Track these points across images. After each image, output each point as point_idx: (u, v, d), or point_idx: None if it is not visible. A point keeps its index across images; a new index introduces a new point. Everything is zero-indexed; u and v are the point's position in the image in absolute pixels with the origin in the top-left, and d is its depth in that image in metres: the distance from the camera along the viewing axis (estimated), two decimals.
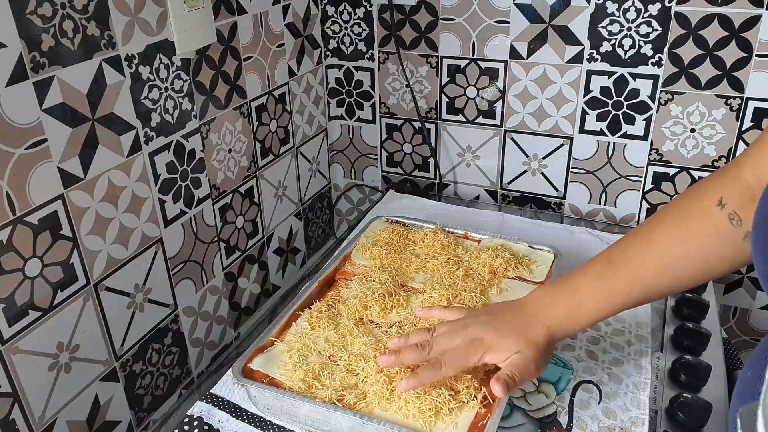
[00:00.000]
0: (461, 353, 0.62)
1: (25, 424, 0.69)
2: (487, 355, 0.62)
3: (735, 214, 0.57)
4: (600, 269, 0.64)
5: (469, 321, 0.65)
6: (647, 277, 0.62)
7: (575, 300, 0.64)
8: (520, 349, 0.62)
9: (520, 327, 0.63)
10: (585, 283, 0.64)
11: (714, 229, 0.58)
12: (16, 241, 0.65)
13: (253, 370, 0.69)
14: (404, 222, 0.97)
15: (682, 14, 0.95)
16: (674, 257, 0.60)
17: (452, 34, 1.10)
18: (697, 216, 0.59)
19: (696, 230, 0.59)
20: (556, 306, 0.64)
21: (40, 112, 0.65)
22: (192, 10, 0.82)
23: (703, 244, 0.59)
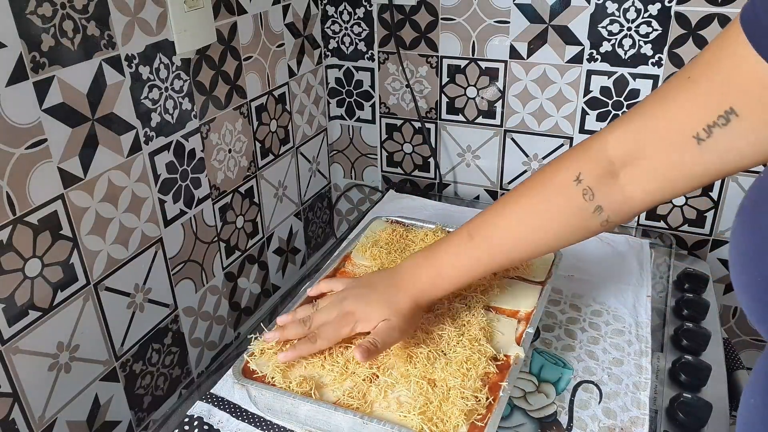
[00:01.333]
0: (334, 326, 0.68)
1: (25, 424, 0.69)
2: (358, 326, 0.68)
3: (589, 189, 0.59)
4: (459, 242, 0.68)
5: (345, 293, 0.71)
6: (504, 248, 0.66)
7: (436, 271, 0.69)
8: (386, 317, 0.67)
9: (386, 296, 0.69)
10: (446, 255, 0.69)
11: (568, 204, 0.61)
12: (16, 241, 0.65)
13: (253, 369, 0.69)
14: (404, 222, 0.97)
15: (682, 14, 0.95)
16: (529, 230, 0.65)
17: (452, 34, 1.10)
18: (553, 191, 0.62)
19: (551, 203, 0.62)
20: (420, 277, 0.70)
21: (40, 112, 0.65)
22: (192, 10, 0.82)
23: (558, 217, 0.62)
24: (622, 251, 0.97)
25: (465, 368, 0.66)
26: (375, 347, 0.65)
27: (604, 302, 0.86)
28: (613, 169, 0.58)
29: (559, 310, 0.85)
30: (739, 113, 0.47)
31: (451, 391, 0.64)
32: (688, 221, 1.08)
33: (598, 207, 0.59)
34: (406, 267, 0.71)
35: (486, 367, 0.67)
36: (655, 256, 0.97)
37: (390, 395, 0.64)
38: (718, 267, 1.09)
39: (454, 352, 0.69)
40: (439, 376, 0.66)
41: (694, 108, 0.50)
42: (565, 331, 0.81)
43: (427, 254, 0.71)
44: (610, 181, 0.58)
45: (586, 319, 0.83)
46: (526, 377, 0.74)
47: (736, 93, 0.47)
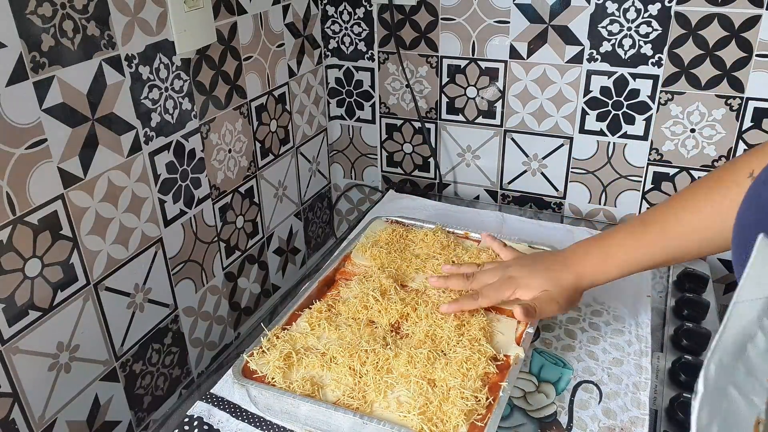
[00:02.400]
0: (497, 288, 0.72)
1: (25, 424, 0.69)
2: (518, 291, 0.72)
3: None
4: (633, 228, 0.70)
5: (511, 262, 0.76)
6: (677, 237, 0.67)
7: (605, 253, 0.71)
8: (547, 288, 0.71)
9: (551, 270, 0.73)
10: (617, 239, 0.71)
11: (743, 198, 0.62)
12: (16, 241, 0.65)
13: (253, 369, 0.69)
14: (404, 222, 0.97)
15: (682, 14, 0.95)
16: (704, 220, 0.65)
17: (452, 34, 1.10)
18: (728, 186, 0.63)
19: (728, 198, 0.63)
20: (587, 257, 0.72)
21: (40, 112, 0.65)
22: (192, 10, 0.82)
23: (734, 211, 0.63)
24: None
25: (465, 368, 0.66)
26: (534, 310, 0.69)
27: (604, 302, 0.86)
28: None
29: None
30: None
31: (451, 391, 0.64)
32: None
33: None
34: (575, 248, 0.74)
35: (486, 367, 0.67)
36: None
37: (390, 395, 0.64)
38: (718, 267, 1.09)
39: (454, 352, 0.69)
40: (439, 376, 0.66)
41: None
42: (565, 331, 0.81)
43: (598, 239, 0.73)
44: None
45: (586, 319, 0.83)
46: (526, 377, 0.74)
47: None
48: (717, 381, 0.34)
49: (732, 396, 0.34)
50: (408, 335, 0.73)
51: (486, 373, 0.67)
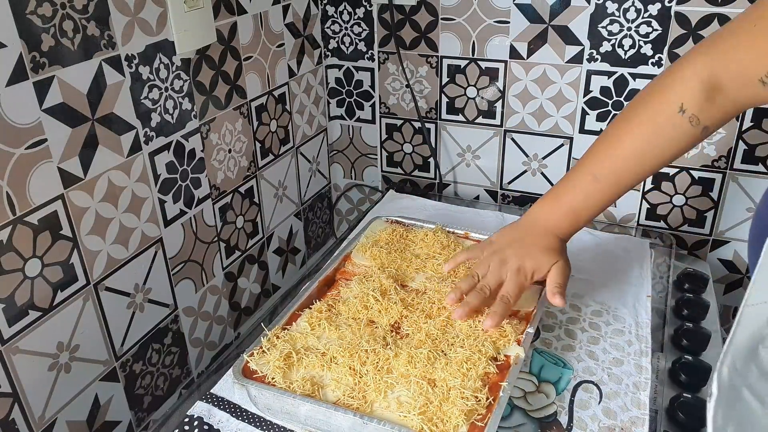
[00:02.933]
0: (515, 282, 0.74)
1: (25, 424, 0.69)
2: (535, 275, 0.75)
3: (694, 116, 0.66)
4: (588, 186, 0.75)
5: (501, 256, 0.77)
6: (627, 182, 0.74)
7: (574, 214, 0.77)
8: (555, 260, 0.76)
9: (544, 244, 0.77)
10: (578, 200, 0.76)
11: (678, 132, 0.68)
12: (16, 241, 0.65)
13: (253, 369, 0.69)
14: (404, 222, 0.97)
15: (682, 14, 0.95)
16: (647, 160, 0.72)
17: (452, 34, 1.10)
18: (662, 123, 0.69)
19: (663, 135, 0.69)
20: (560, 221, 0.78)
21: (40, 112, 0.65)
22: (192, 10, 0.82)
23: (670, 144, 0.70)
24: (622, 251, 0.97)
25: (465, 368, 0.66)
26: (563, 288, 0.74)
27: (604, 302, 0.86)
28: (710, 95, 0.65)
29: (559, 310, 0.85)
30: None
31: (451, 391, 0.64)
32: (688, 221, 1.08)
33: (704, 128, 0.67)
34: (542, 214, 0.79)
35: (486, 367, 0.67)
36: (655, 256, 0.97)
37: (390, 395, 0.64)
38: (718, 267, 1.09)
39: (454, 352, 0.69)
40: (439, 376, 0.66)
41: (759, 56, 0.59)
42: (565, 331, 0.81)
43: (558, 201, 0.78)
44: (710, 105, 0.65)
45: (586, 319, 0.83)
46: (526, 377, 0.74)
47: None
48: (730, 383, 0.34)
49: (746, 398, 0.34)
50: (408, 335, 0.73)
51: (486, 373, 0.67)
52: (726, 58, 0.63)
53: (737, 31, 0.62)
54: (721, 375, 0.34)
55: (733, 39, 0.62)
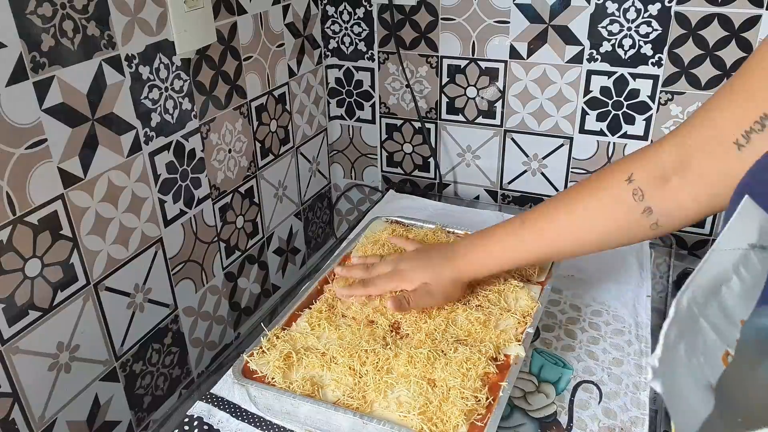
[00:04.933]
0: (385, 279, 0.77)
1: (25, 424, 0.69)
2: (402, 284, 0.76)
3: (639, 189, 0.62)
4: (512, 227, 0.73)
5: (406, 256, 0.80)
6: (551, 237, 0.70)
7: (486, 250, 0.74)
8: (427, 281, 0.75)
9: (435, 265, 0.76)
10: (498, 237, 0.74)
11: (617, 201, 0.64)
12: (16, 241, 0.65)
13: (253, 369, 0.69)
14: (404, 222, 0.97)
15: (682, 14, 0.95)
16: (577, 222, 0.68)
17: (452, 34, 1.10)
18: (606, 188, 0.65)
19: (601, 200, 0.65)
20: (468, 253, 0.75)
21: (40, 112, 0.65)
22: (192, 10, 0.82)
23: (605, 214, 0.65)
24: (622, 251, 0.97)
25: (465, 368, 0.66)
26: (407, 302, 0.73)
27: (604, 302, 0.86)
28: (666, 174, 0.60)
29: (559, 310, 0.85)
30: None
31: (451, 391, 0.64)
32: None
33: (647, 208, 0.62)
34: (462, 243, 0.77)
35: (486, 367, 0.67)
36: (655, 256, 0.97)
37: (390, 395, 0.64)
38: None
39: (455, 352, 0.69)
40: (439, 376, 0.66)
41: (734, 116, 0.53)
42: (565, 331, 0.81)
43: (482, 234, 0.76)
44: (662, 184, 0.60)
45: (586, 319, 0.83)
46: (526, 377, 0.74)
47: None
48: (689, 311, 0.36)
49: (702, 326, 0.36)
50: (408, 335, 0.73)
51: (486, 373, 0.67)
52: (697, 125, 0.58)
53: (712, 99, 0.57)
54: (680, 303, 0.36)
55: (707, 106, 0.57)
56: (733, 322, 0.37)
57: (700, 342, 0.36)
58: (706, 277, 0.37)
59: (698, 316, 0.36)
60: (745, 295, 0.38)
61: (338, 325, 0.74)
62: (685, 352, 0.35)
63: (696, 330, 0.36)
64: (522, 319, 0.75)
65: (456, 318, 0.75)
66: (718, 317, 0.37)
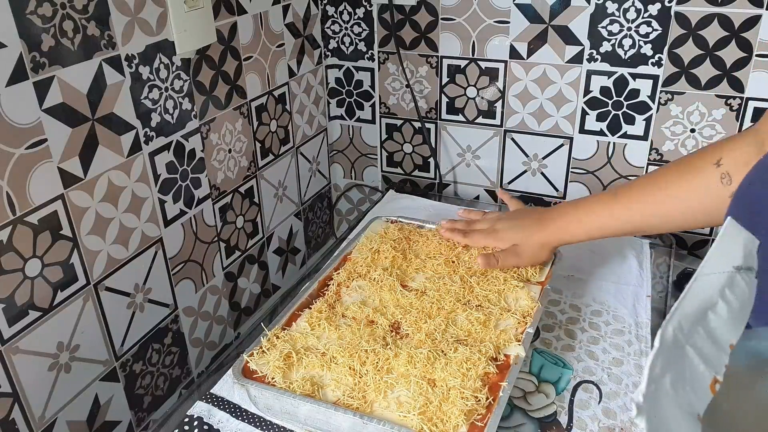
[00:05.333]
0: (482, 235, 0.83)
1: (25, 424, 0.69)
2: (495, 242, 0.82)
3: (727, 174, 0.63)
4: (605, 199, 0.76)
5: (506, 215, 0.86)
6: (640, 211, 0.73)
7: (577, 217, 0.77)
8: (517, 242, 0.80)
9: (526, 227, 0.80)
10: (590, 207, 0.77)
11: (705, 184, 0.66)
12: (16, 241, 0.65)
13: (253, 369, 0.69)
14: (404, 222, 0.97)
15: (682, 14, 0.95)
16: (667, 201, 0.70)
17: (452, 34, 1.10)
18: (695, 170, 0.67)
19: (690, 181, 0.68)
20: (560, 218, 0.79)
21: (40, 112, 0.65)
22: (192, 10, 0.82)
23: (693, 195, 0.68)
24: (622, 251, 0.97)
25: (465, 368, 0.66)
26: (495, 260, 0.79)
27: (604, 302, 0.86)
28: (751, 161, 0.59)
29: (559, 310, 0.85)
30: None
31: (451, 391, 0.64)
32: None
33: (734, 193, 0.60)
34: (556, 209, 0.81)
35: (486, 367, 0.67)
36: (655, 256, 0.97)
37: (390, 395, 0.64)
38: None
39: (455, 352, 0.69)
40: (439, 376, 0.66)
41: None
42: (565, 331, 0.81)
43: (576, 203, 0.79)
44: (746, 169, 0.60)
45: (586, 319, 0.83)
46: (526, 377, 0.74)
47: None
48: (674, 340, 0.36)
49: (689, 354, 0.36)
50: (408, 335, 0.73)
51: (486, 373, 0.67)
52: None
53: None
54: (665, 332, 0.35)
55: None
56: (722, 348, 0.37)
57: (687, 371, 0.35)
58: (691, 304, 0.37)
59: (684, 344, 0.36)
60: (733, 319, 0.38)
61: (338, 325, 0.74)
62: (671, 384, 0.35)
63: (682, 359, 0.35)
64: (522, 319, 0.75)
65: (456, 318, 0.75)
66: (705, 344, 0.36)
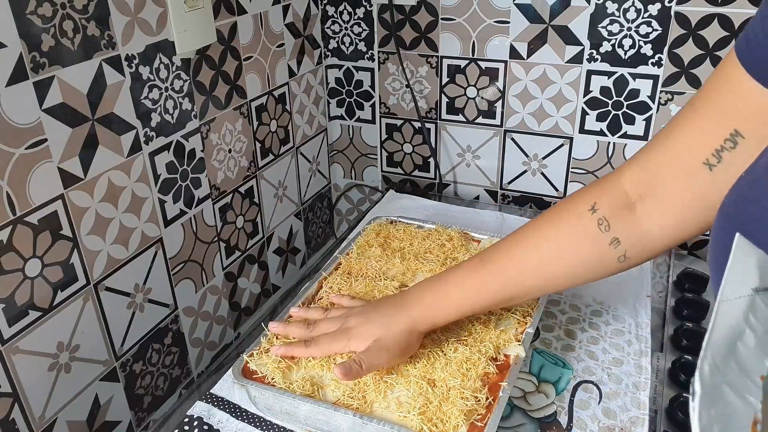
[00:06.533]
0: (331, 339, 0.68)
1: (25, 424, 0.69)
2: (351, 343, 0.66)
3: (604, 219, 0.59)
4: (471, 266, 0.67)
5: (354, 311, 0.70)
6: (513, 275, 0.64)
7: (442, 293, 0.67)
8: (379, 336, 0.65)
9: (386, 316, 0.67)
10: (455, 278, 0.67)
11: (582, 232, 0.60)
12: (16, 241, 0.65)
13: (253, 370, 0.69)
14: (404, 222, 0.97)
15: (682, 14, 0.95)
16: (541, 257, 0.63)
17: (452, 34, 1.10)
18: (569, 219, 0.61)
19: (565, 232, 0.61)
20: (423, 298, 0.68)
21: (40, 112, 0.65)
22: (192, 10, 0.82)
23: (570, 247, 0.61)
24: None
25: (465, 368, 0.66)
26: (359, 366, 0.63)
27: (604, 302, 0.86)
28: (629, 202, 0.58)
29: (559, 310, 0.85)
30: (744, 134, 0.49)
31: (450, 391, 0.64)
32: None
33: (614, 239, 0.59)
34: (414, 289, 0.70)
35: (486, 367, 0.67)
36: None
37: (390, 395, 0.65)
38: None
39: (455, 352, 0.69)
40: (438, 376, 0.66)
41: (701, 135, 0.52)
42: (565, 331, 0.81)
43: (437, 277, 0.70)
44: (627, 213, 0.58)
45: (586, 319, 0.83)
46: (525, 377, 0.74)
47: (738, 116, 0.49)
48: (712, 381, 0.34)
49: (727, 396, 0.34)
50: None
51: (486, 373, 0.67)
52: (659, 149, 0.56)
53: (672, 122, 0.55)
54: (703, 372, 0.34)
55: (667, 130, 0.55)
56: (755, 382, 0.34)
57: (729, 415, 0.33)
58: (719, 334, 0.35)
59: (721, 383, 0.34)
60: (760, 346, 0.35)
61: None
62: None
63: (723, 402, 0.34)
64: (522, 319, 0.75)
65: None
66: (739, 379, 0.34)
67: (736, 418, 0.33)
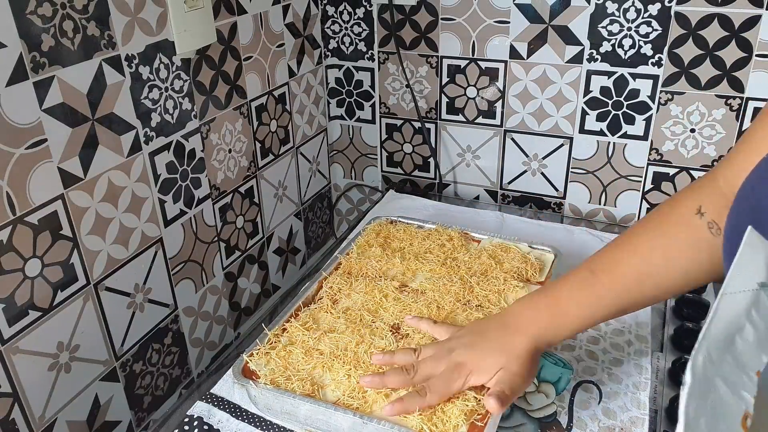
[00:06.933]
0: (445, 380, 0.62)
1: (25, 424, 0.69)
2: (471, 378, 0.62)
3: (714, 222, 0.57)
4: (582, 278, 0.64)
5: (453, 344, 0.65)
6: (629, 285, 0.62)
7: (558, 309, 0.64)
8: (502, 365, 0.62)
9: (501, 342, 0.63)
10: (567, 292, 0.64)
11: (694, 238, 0.59)
12: (16, 241, 0.65)
13: (253, 370, 0.69)
14: (404, 222, 0.97)
15: (682, 14, 0.95)
16: (656, 265, 0.61)
17: (452, 34, 1.10)
18: (678, 224, 0.60)
19: (677, 238, 0.60)
20: (538, 316, 0.64)
21: (40, 112, 0.65)
22: (192, 10, 0.82)
23: (684, 252, 0.60)
24: None
25: None
26: (506, 396, 0.60)
27: None
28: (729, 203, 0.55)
29: None
30: None
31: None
32: None
33: None
34: (521, 307, 0.66)
35: None
36: None
37: (390, 395, 0.64)
38: None
39: None
40: None
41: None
42: None
43: (545, 292, 0.66)
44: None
45: None
46: None
47: None
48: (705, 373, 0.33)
49: (719, 389, 0.34)
50: (408, 335, 0.73)
51: None
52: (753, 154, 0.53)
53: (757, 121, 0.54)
54: (696, 364, 0.33)
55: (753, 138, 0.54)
56: (750, 377, 0.34)
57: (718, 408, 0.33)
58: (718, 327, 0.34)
59: (714, 376, 0.33)
60: (759, 343, 0.34)
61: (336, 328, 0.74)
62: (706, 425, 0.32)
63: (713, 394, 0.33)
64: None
65: (456, 318, 0.75)
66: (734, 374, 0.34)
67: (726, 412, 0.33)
